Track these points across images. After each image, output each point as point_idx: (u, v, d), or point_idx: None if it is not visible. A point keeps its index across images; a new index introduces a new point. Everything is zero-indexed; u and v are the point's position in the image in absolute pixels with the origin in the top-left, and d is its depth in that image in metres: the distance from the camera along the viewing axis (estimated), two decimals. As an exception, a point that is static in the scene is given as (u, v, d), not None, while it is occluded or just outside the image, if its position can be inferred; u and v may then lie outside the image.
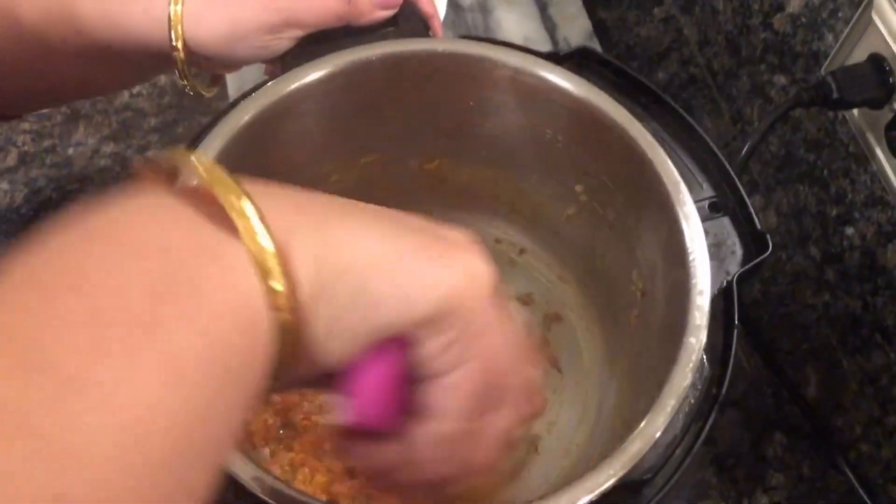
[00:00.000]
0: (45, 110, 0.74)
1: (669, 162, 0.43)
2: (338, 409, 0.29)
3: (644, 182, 0.44)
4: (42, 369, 0.19)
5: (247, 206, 0.24)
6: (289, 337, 0.25)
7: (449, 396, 0.28)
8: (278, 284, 0.24)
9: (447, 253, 0.28)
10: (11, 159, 0.73)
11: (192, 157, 0.25)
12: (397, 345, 0.28)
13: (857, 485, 0.59)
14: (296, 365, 0.25)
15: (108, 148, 0.73)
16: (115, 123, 0.74)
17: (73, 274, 0.22)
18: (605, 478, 0.35)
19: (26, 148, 0.73)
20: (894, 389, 0.59)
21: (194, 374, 0.21)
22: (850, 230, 0.61)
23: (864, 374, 0.62)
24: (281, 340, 0.24)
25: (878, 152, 0.56)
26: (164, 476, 0.20)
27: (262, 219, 0.24)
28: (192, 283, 0.22)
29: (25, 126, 0.74)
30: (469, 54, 0.46)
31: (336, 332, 0.26)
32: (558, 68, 0.45)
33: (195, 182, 0.25)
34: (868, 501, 0.59)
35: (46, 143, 0.73)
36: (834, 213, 0.62)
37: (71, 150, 0.73)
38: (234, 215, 0.24)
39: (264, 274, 0.24)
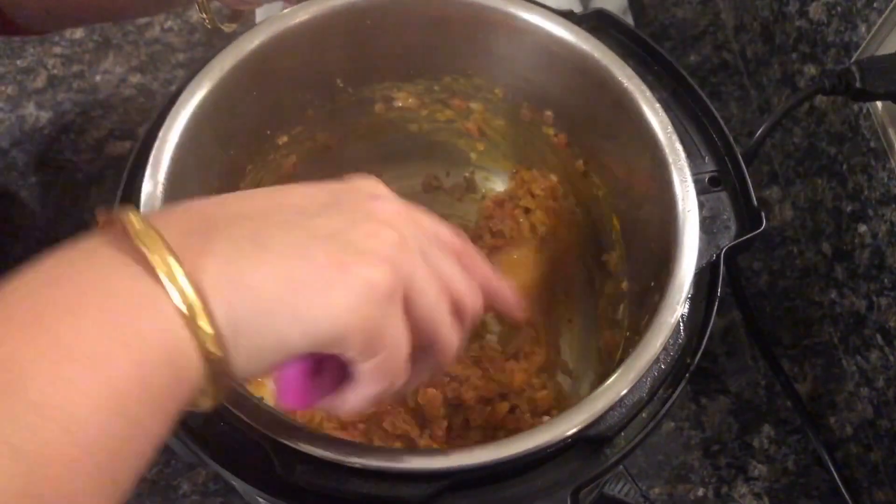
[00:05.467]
0: (77, 36, 0.76)
1: (672, 128, 0.42)
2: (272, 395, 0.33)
3: (643, 149, 0.43)
4: (8, 392, 0.25)
5: (173, 265, 0.28)
6: (215, 366, 0.29)
7: (365, 378, 0.33)
8: (205, 328, 0.28)
9: (344, 271, 0.30)
10: (40, 81, 0.74)
11: (130, 215, 0.29)
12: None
13: (841, 485, 0.59)
14: (226, 380, 0.30)
15: (135, 78, 0.74)
16: (143, 55, 0.75)
17: (38, 311, 0.27)
18: (565, 428, 0.35)
19: (55, 71, 0.74)
20: (890, 392, 0.58)
21: (128, 396, 0.26)
22: (862, 227, 0.60)
23: (862, 375, 0.61)
24: (209, 369, 0.29)
25: (898, 148, 0.55)
26: (101, 469, 0.26)
27: (187, 275, 0.28)
28: (132, 325, 0.27)
29: (57, 50, 0.75)
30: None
31: (253, 359, 0.30)
32: (564, 21, 0.45)
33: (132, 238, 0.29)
34: (851, 502, 0.58)
35: (75, 68, 0.74)
36: (849, 209, 0.61)
37: (98, 78, 0.74)
38: (161, 273, 0.28)
39: (191, 319, 0.28)
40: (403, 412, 0.52)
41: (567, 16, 0.48)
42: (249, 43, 0.46)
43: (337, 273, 0.30)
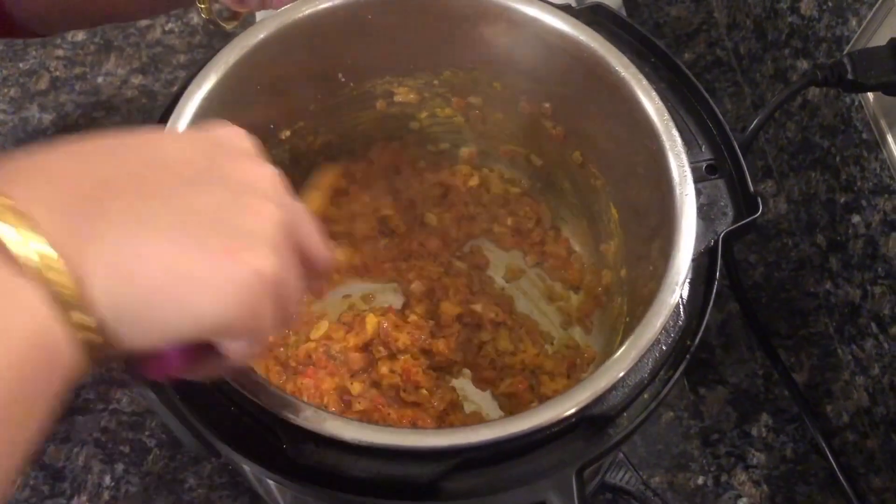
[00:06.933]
0: (79, 38, 0.77)
1: (668, 115, 0.43)
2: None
3: (640, 137, 0.44)
4: None
5: (49, 255, 0.26)
6: (95, 350, 0.28)
7: (232, 353, 0.32)
8: (84, 319, 0.27)
9: (232, 259, 0.29)
10: (43, 83, 0.75)
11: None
12: None
13: (838, 472, 0.59)
14: (106, 355, 0.28)
15: (137, 80, 0.75)
16: (145, 57, 0.76)
17: None
18: (568, 406, 0.36)
19: (58, 73, 0.75)
20: (885, 380, 0.58)
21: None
22: (856, 218, 0.61)
23: (857, 363, 0.62)
24: (88, 345, 0.27)
25: (890, 139, 0.56)
26: None
27: (68, 265, 0.26)
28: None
29: (59, 53, 0.76)
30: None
31: (137, 343, 0.29)
32: (561, 13, 0.46)
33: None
34: (848, 489, 0.59)
35: (77, 70, 0.75)
36: (842, 200, 0.62)
37: (100, 79, 0.75)
38: (31, 263, 0.26)
39: (64, 306, 0.26)
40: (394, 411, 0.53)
41: (564, 10, 0.49)
42: (252, 38, 0.47)
43: (225, 261, 0.29)
